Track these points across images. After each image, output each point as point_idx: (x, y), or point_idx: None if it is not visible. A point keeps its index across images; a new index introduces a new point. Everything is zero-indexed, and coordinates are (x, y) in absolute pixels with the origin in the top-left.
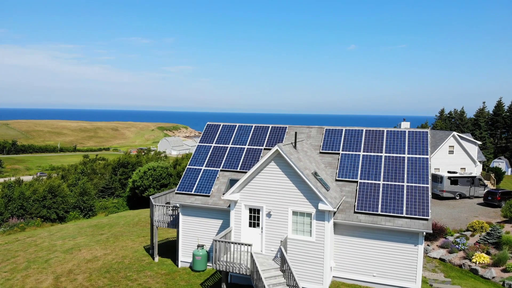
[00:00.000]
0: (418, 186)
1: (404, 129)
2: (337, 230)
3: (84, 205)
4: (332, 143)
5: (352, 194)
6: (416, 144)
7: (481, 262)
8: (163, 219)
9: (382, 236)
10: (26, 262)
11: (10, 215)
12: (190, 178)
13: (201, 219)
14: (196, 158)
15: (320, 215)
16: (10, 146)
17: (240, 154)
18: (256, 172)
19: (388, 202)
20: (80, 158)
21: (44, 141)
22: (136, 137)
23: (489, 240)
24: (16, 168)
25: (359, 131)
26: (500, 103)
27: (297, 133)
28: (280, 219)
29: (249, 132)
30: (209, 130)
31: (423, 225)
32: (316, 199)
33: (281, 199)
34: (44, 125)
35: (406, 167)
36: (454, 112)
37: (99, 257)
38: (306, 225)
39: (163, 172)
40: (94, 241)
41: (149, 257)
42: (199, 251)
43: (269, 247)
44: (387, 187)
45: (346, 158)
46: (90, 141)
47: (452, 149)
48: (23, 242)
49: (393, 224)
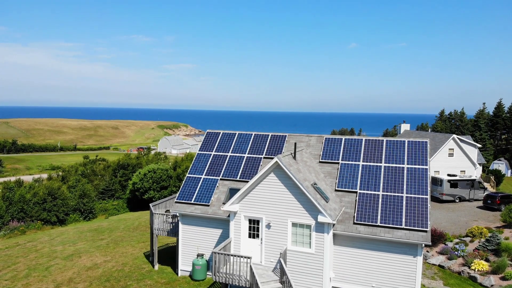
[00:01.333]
0: (417, 197)
1: (404, 139)
2: (336, 240)
3: (84, 207)
4: (332, 153)
5: (351, 204)
6: (415, 154)
7: (480, 270)
8: (163, 227)
9: (381, 247)
10: (26, 269)
11: (10, 218)
12: (190, 186)
13: (201, 228)
14: (196, 167)
15: (320, 227)
16: (10, 146)
17: (239, 162)
18: (256, 183)
19: (387, 213)
20: (80, 157)
21: (45, 140)
22: (136, 136)
23: (488, 246)
24: (17, 167)
25: (359, 140)
26: (501, 104)
27: (297, 142)
28: (280, 231)
29: (248, 140)
30: (208, 138)
31: (422, 237)
32: (315, 211)
33: (281, 211)
34: (44, 123)
35: (405, 177)
36: (454, 113)
37: (99, 265)
38: (305, 237)
39: (163, 174)
40: (94, 247)
41: (149, 265)
42: (199, 261)
43: (268, 258)
44: (386, 198)
45: (346, 168)
46: (90, 139)
47: (452, 151)
48: (24, 247)
49: (392, 236)
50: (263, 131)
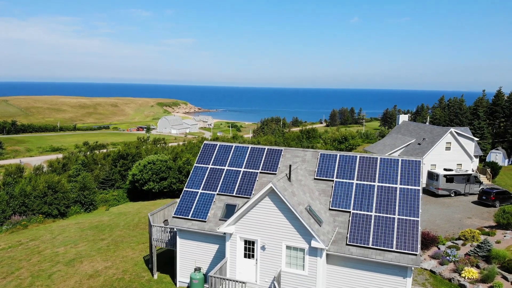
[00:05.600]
0: (408, 219)
1: (397, 157)
2: (329, 260)
3: (85, 199)
4: (327, 170)
5: (344, 224)
6: (408, 173)
7: (469, 278)
8: (162, 237)
9: (373, 267)
10: (30, 277)
11: (12, 212)
12: (187, 201)
13: (199, 243)
14: (193, 180)
15: (313, 251)
16: (10, 126)
17: (236, 177)
18: (251, 206)
19: (379, 235)
20: (80, 137)
21: (44, 118)
22: (135, 114)
23: (479, 253)
24: (17, 149)
25: (353, 157)
26: (500, 93)
27: (292, 156)
28: (274, 252)
29: (245, 153)
30: (206, 150)
31: (411, 260)
32: (309, 235)
33: (275, 233)
34: (43, 101)
35: (398, 198)
36: (454, 100)
37: (100, 272)
38: (299, 259)
39: (162, 165)
40: (95, 250)
41: (149, 273)
42: (196, 275)
43: (263, 277)
44: (379, 219)
45: (340, 186)
46: (89, 117)
47: (449, 145)
48: (26, 248)
49: (383, 258)
50: (263, 108)
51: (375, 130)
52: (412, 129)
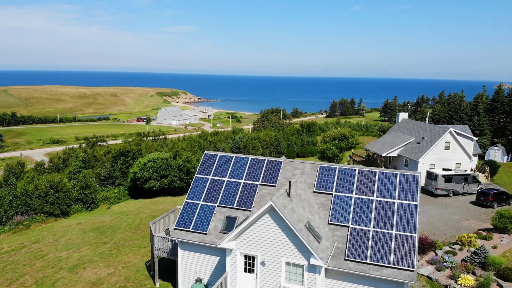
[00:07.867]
0: (406, 235)
1: (396, 171)
2: (328, 274)
3: (87, 198)
4: (326, 183)
5: (343, 239)
6: (406, 188)
7: (465, 285)
8: (163, 246)
9: (371, 282)
10: (34, 284)
11: (14, 212)
12: (188, 213)
13: (200, 254)
14: (194, 192)
15: (312, 268)
16: (10, 118)
17: (236, 189)
18: (252, 223)
19: (377, 251)
20: (79, 129)
21: (44, 108)
22: (135, 104)
23: (476, 259)
24: (17, 142)
25: (352, 170)
26: (500, 88)
27: (292, 168)
28: (274, 268)
29: (245, 165)
30: (206, 160)
31: (408, 276)
32: (308, 252)
33: (275, 250)
34: (43, 91)
35: (395, 213)
36: (454, 95)
37: (103, 279)
38: (298, 275)
39: (163, 163)
40: (98, 254)
41: (151, 281)
42: (197, 286)
43: None
44: (377, 235)
45: (339, 200)
46: (89, 108)
47: (449, 145)
48: (29, 251)
49: (380, 274)
50: (263, 98)
51: (375, 122)
52: (412, 127)
